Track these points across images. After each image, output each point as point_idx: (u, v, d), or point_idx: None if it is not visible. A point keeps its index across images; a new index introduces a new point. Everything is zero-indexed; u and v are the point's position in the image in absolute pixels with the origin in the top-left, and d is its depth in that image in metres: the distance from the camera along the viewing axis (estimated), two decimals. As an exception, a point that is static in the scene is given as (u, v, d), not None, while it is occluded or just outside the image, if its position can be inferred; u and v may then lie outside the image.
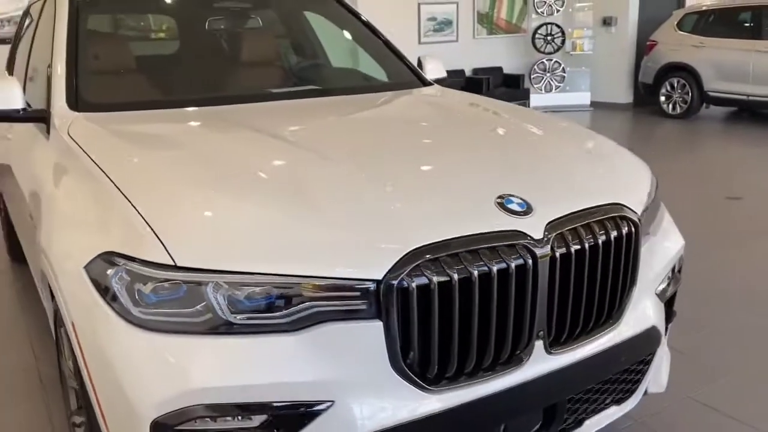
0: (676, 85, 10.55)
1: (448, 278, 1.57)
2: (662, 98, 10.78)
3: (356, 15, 3.53)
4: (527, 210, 1.76)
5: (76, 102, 2.51)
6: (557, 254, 1.72)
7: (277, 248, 1.57)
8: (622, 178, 2.17)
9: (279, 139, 2.16)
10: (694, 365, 3.02)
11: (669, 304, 2.34)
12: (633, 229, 1.90)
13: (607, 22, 11.77)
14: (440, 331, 1.59)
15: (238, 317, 1.52)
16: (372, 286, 1.53)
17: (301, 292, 1.53)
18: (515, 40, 12.18)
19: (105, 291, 1.58)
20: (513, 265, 1.65)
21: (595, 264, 1.81)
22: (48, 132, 2.47)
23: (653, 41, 10.93)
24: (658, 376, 2.34)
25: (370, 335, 1.54)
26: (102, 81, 2.73)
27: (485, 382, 1.69)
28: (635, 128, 9.97)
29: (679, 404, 2.73)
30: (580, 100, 11.99)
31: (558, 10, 11.65)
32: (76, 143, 2.16)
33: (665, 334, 2.38)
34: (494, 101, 3.03)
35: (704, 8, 10.46)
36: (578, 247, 1.77)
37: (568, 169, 2.07)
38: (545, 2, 11.66)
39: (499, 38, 12.03)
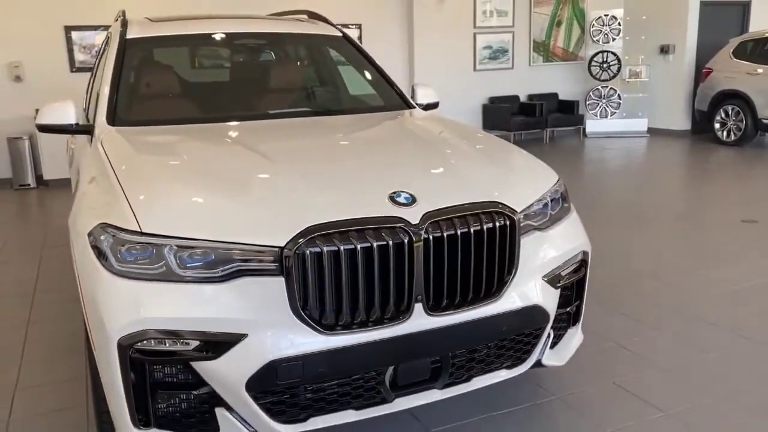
0: (730, 112, 10.57)
1: (336, 248, 2.13)
2: (717, 125, 10.82)
3: (362, 52, 4.12)
4: (411, 202, 2.30)
5: (113, 119, 3.25)
6: (431, 237, 2.25)
7: (214, 222, 2.19)
8: (510, 182, 2.65)
9: (247, 147, 2.79)
10: (637, 360, 3.39)
11: (578, 292, 2.81)
12: (508, 222, 2.40)
13: (664, 50, 11.91)
14: (332, 289, 2.15)
15: (184, 271, 2.14)
16: (277, 251, 2.11)
17: (229, 255, 2.13)
18: (571, 67, 12.51)
19: (98, 250, 2.23)
20: (391, 242, 2.19)
21: (468, 248, 2.32)
22: (90, 142, 3.21)
23: (709, 69, 11.00)
24: (559, 351, 2.80)
25: (275, 288, 2.12)
26: (135, 102, 3.46)
27: (373, 331, 2.23)
28: (688, 154, 10.06)
29: (602, 387, 3.13)
30: (637, 127, 12.15)
31: (614, 39, 11.91)
32: (104, 150, 2.87)
33: (579, 319, 2.85)
34: (449, 122, 3.53)
35: (758, 36, 10.47)
36: (451, 233, 2.28)
37: (461, 173, 2.59)
38: (601, 31, 11.95)
39: (555, 65, 12.39)
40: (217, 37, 3.92)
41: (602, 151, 10.61)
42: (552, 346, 2.79)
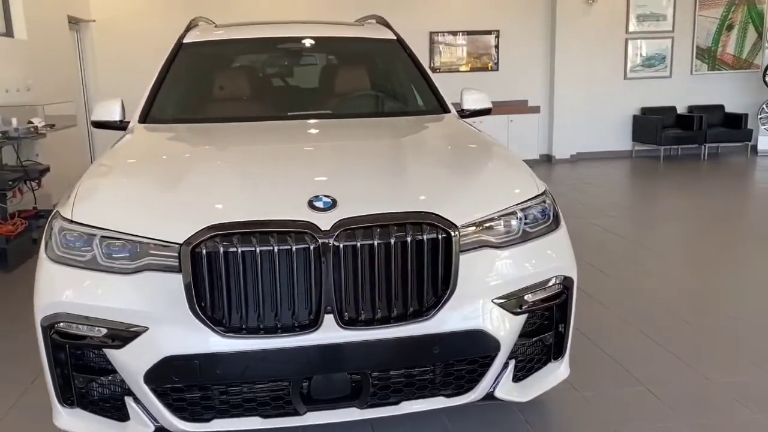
0: None
1: (235, 250, 2.08)
2: None
3: (411, 56, 4.00)
4: (329, 208, 2.18)
5: (145, 117, 3.47)
6: (341, 246, 2.11)
7: (135, 217, 2.24)
8: (462, 192, 2.41)
9: (218, 148, 2.85)
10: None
11: (558, 321, 2.52)
12: (441, 236, 2.19)
13: None
14: (231, 291, 2.11)
15: (106, 261, 2.22)
16: (177, 248, 2.11)
17: (143, 249, 2.18)
18: (743, 76, 11.16)
19: (49, 235, 2.39)
20: (294, 248, 2.10)
21: (390, 261, 2.15)
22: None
23: None
24: (526, 386, 2.50)
25: (175, 284, 2.12)
26: (172, 101, 3.65)
27: (279, 339, 2.15)
28: None
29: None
30: (821, 145, 10.55)
31: (797, 44, 10.45)
32: (113, 144, 3.07)
33: (561, 353, 2.57)
34: (462, 128, 3.29)
35: None
36: (368, 243, 2.13)
37: (403, 181, 2.41)
38: (782, 35, 10.55)
39: (723, 74, 11.14)
40: (264, 40, 4.03)
41: (773, 172, 9.33)
42: (518, 379, 2.50)
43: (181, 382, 2.17)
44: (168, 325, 2.15)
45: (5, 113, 6.26)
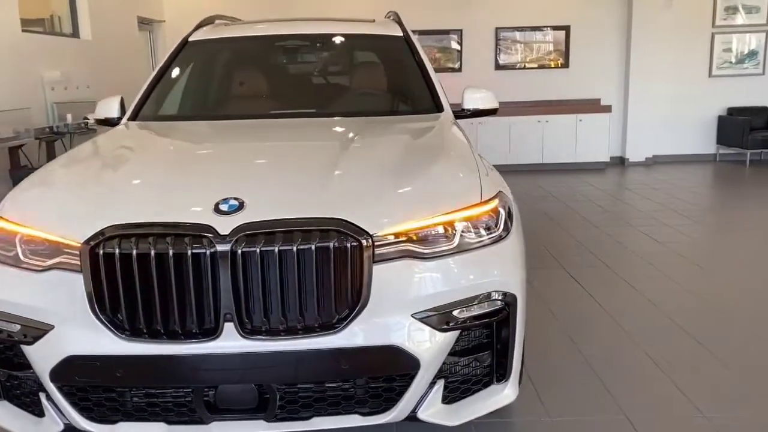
0: None
1: (131, 251, 2.04)
2: None
3: (414, 54, 3.83)
4: (233, 211, 2.09)
5: (135, 115, 3.52)
6: (239, 251, 2.02)
7: (50, 217, 2.24)
8: (387, 201, 2.24)
9: (165, 147, 2.88)
10: None
11: (501, 341, 2.33)
12: (350, 244, 2.05)
13: None
14: (131, 293, 2.06)
15: (27, 259, 2.23)
16: (78, 248, 2.09)
17: (57, 248, 2.17)
18: None
19: None
20: (190, 252, 2.02)
21: (296, 269, 2.03)
22: None
23: None
24: (459, 409, 2.32)
25: (77, 284, 2.10)
26: (158, 102, 3.67)
27: (179, 345, 2.08)
28: None
29: None
30: None
31: None
32: (88, 141, 3.13)
33: (506, 376, 2.39)
34: (441, 131, 3.09)
35: None
36: (268, 249, 2.03)
37: (324, 186, 2.26)
38: None
39: (830, 71, 10.10)
40: (262, 38, 3.99)
41: None
42: (451, 400, 2.31)
43: (83, 382, 2.15)
44: (72, 325, 2.13)
45: (63, 110, 6.60)
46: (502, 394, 2.39)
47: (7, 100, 5.89)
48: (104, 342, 2.10)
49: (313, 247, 2.04)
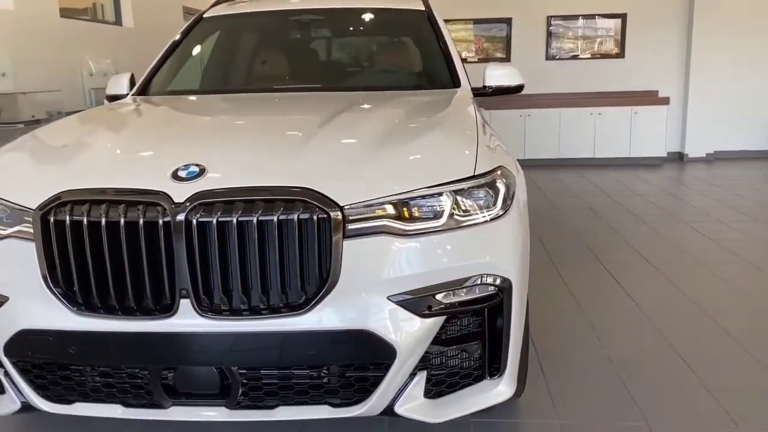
0: None
1: (81, 219, 1.89)
2: None
3: (435, 28, 3.62)
4: (192, 178, 1.92)
5: (142, 90, 3.42)
6: (194, 221, 1.84)
7: (14, 183, 2.12)
8: (366, 171, 2.02)
9: (149, 119, 2.74)
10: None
11: (494, 331, 2.09)
12: (317, 216, 1.85)
13: None
14: (82, 264, 1.92)
15: None
16: (31, 214, 1.96)
17: (17, 215, 2.04)
18: None
19: None
20: (142, 221, 1.86)
21: (258, 242, 1.85)
22: None
23: None
24: (443, 405, 2.09)
25: (30, 253, 1.96)
26: (165, 77, 3.55)
27: (134, 321, 1.92)
28: None
29: None
30: None
31: None
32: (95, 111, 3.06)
33: (500, 370, 2.15)
34: (447, 104, 2.86)
35: None
36: (226, 219, 1.84)
37: (297, 154, 2.06)
38: None
39: None
40: (277, 13, 3.83)
41: None
42: (434, 395, 2.08)
43: (36, 358, 2.02)
44: (27, 298, 2.00)
45: (100, 95, 6.64)
46: (496, 390, 2.14)
47: (45, 85, 5.95)
48: (57, 316, 1.96)
49: (275, 218, 1.84)
